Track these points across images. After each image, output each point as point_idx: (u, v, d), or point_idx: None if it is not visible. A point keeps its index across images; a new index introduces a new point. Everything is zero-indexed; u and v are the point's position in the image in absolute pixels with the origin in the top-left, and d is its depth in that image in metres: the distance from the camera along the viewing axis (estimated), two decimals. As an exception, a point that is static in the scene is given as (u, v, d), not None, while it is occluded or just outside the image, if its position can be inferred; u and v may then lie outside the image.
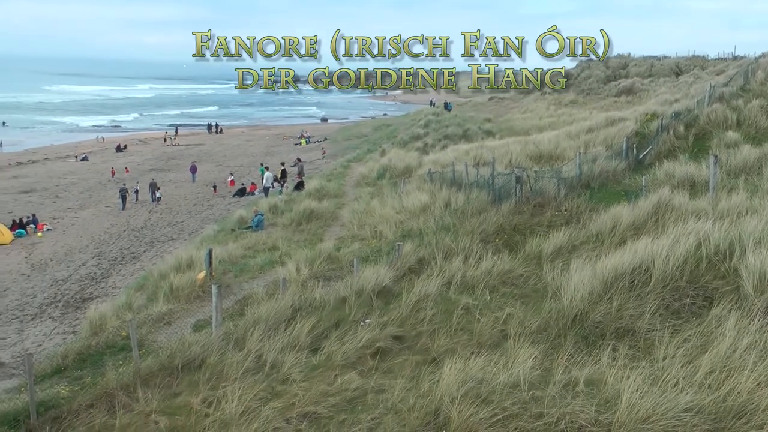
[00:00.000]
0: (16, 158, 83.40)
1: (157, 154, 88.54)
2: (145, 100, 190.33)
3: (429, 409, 9.63)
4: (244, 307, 17.89)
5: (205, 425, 10.92)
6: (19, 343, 26.19)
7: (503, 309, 14.01)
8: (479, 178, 29.13)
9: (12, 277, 37.11)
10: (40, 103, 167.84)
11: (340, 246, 24.53)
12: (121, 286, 32.71)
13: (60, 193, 62.10)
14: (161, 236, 44.50)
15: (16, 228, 46.69)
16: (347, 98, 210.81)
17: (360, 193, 38.11)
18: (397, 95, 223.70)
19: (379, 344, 13.20)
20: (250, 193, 56.59)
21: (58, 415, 11.93)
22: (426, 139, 66.19)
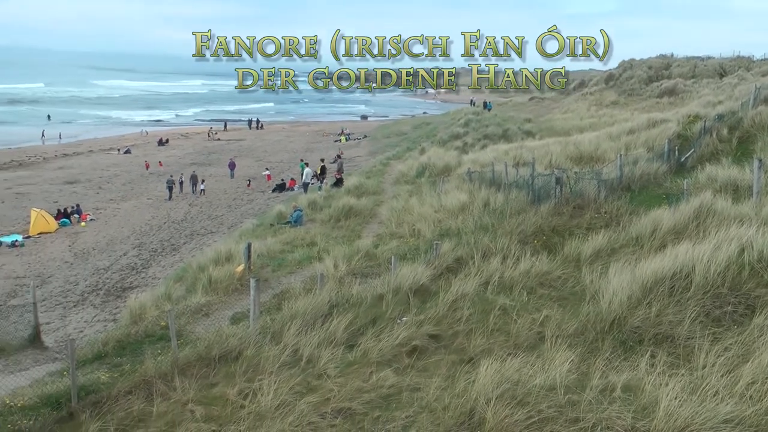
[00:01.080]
0: (61, 150, 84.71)
1: (198, 148, 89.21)
2: (195, 96, 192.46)
3: (464, 409, 9.62)
4: (281, 301, 17.95)
5: (241, 416, 10.99)
6: (62, 329, 26.59)
7: (540, 311, 13.94)
8: (519, 178, 29.00)
9: (56, 264, 37.68)
10: (88, 98, 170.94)
11: (378, 243, 24.51)
12: (160, 277, 33.02)
13: (103, 184, 62.85)
14: (201, 229, 44.83)
15: (61, 217, 47.44)
16: (388, 97, 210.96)
17: (399, 190, 38.07)
18: (438, 94, 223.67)
19: (416, 342, 13.20)
20: (290, 189, 56.82)
21: (98, 399, 12.07)
22: (465, 138, 65.94)
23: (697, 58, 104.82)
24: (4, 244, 41.85)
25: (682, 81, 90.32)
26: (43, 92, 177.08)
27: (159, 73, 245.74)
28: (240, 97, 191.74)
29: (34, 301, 21.45)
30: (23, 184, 62.57)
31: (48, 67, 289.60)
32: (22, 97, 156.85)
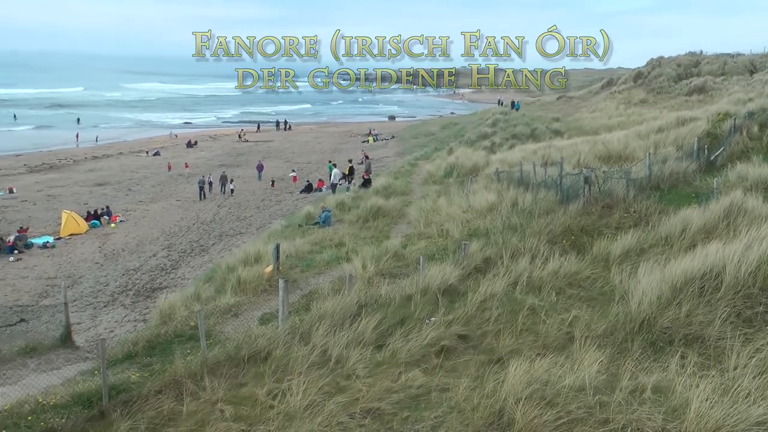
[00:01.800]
0: (91, 152, 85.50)
1: (227, 150, 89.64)
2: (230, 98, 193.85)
3: (493, 410, 9.61)
4: (310, 301, 17.99)
5: (270, 417, 11.03)
6: (93, 329, 26.80)
7: (569, 311, 13.90)
8: (547, 178, 28.91)
9: (86, 265, 38.01)
10: (125, 101, 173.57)
11: (407, 243, 24.50)
12: (189, 278, 33.18)
13: (132, 186, 63.35)
14: (229, 230, 45.01)
15: (91, 219, 47.84)
16: (415, 97, 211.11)
17: (427, 191, 38.04)
18: (465, 94, 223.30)
19: (444, 343, 13.19)
20: (318, 190, 56.92)
21: (128, 399, 12.17)
22: (494, 138, 65.75)
23: (726, 54, 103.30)
24: (35, 245, 42.26)
25: (712, 78, 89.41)
26: (83, 96, 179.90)
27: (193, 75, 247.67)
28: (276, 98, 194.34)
29: (65, 302, 21.61)
30: (54, 186, 63.19)
31: (83, 71, 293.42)
32: (62, 101, 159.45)
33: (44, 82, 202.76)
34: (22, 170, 72.59)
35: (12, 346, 19.65)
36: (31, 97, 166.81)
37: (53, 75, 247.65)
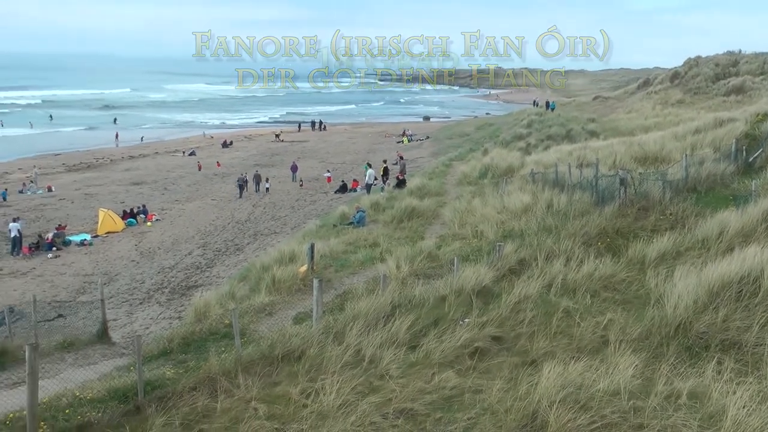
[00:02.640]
0: (128, 152, 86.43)
1: (262, 150, 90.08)
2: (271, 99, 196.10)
3: (526, 412, 9.58)
4: (344, 301, 18.05)
5: (303, 415, 11.04)
6: (129, 325, 27.08)
7: (604, 314, 13.81)
8: (582, 179, 28.76)
9: (123, 263, 38.38)
10: (163, 101, 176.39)
11: (441, 244, 24.50)
12: (224, 276, 33.36)
13: (168, 185, 63.85)
14: (264, 229, 45.19)
15: (128, 217, 48.33)
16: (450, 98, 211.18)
17: (461, 191, 37.99)
18: (500, 95, 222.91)
19: (478, 344, 13.15)
20: (352, 190, 56.99)
21: (163, 395, 12.24)
22: (528, 139, 65.51)
23: (766, 54, 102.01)
24: (73, 242, 42.76)
25: (751, 78, 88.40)
26: (130, 97, 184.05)
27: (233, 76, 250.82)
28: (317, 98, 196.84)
29: (101, 298, 21.86)
30: (91, 185, 63.91)
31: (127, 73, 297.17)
32: (110, 102, 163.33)
33: (91, 84, 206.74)
34: (61, 169, 73.56)
35: (50, 340, 19.95)
36: (80, 98, 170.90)
37: (97, 77, 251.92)
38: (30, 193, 59.77)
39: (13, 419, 11.68)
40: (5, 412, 12.20)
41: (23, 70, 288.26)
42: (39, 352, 11.57)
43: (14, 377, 15.65)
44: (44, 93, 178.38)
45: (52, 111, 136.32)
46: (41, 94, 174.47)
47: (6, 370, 16.72)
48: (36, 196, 59.12)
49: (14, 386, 14.76)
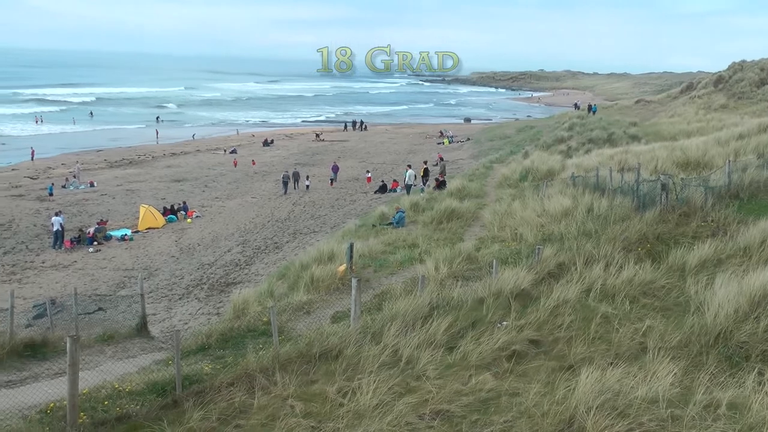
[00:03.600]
0: (170, 150, 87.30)
1: (303, 149, 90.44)
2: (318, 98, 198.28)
3: (563, 417, 9.54)
4: (382, 301, 18.05)
5: (339, 414, 11.06)
6: (168, 320, 27.36)
7: (643, 321, 13.71)
8: (623, 183, 28.56)
9: (163, 258, 38.76)
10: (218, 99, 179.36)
11: (480, 246, 24.44)
12: (263, 274, 33.54)
13: (209, 183, 64.38)
14: (303, 228, 45.36)
15: (168, 214, 48.83)
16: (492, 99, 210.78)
17: (501, 194, 37.83)
18: (542, 97, 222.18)
19: (515, 347, 13.11)
20: (392, 190, 57.04)
21: (201, 389, 12.33)
22: (570, 143, 65.06)
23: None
24: (114, 237, 43.26)
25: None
26: (183, 95, 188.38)
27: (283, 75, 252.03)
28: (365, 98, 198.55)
29: (141, 293, 22.10)
30: (133, 181, 64.62)
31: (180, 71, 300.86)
32: (162, 100, 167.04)
33: (147, 82, 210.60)
34: (103, 165, 74.45)
35: (90, 333, 20.25)
36: (132, 96, 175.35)
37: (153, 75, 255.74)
38: (72, 188, 60.57)
39: (54, 408, 11.87)
40: (46, 401, 12.43)
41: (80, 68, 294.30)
42: (79, 344, 11.72)
43: (55, 368, 15.87)
44: (97, 90, 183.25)
45: (106, 108, 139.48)
46: (96, 92, 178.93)
47: (47, 360, 16.99)
48: (78, 191, 59.91)
49: (55, 376, 14.96)
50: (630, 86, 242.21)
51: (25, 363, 16.79)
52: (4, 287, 32.11)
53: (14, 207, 52.13)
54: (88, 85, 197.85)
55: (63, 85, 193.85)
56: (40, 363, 16.82)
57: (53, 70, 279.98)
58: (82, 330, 20.84)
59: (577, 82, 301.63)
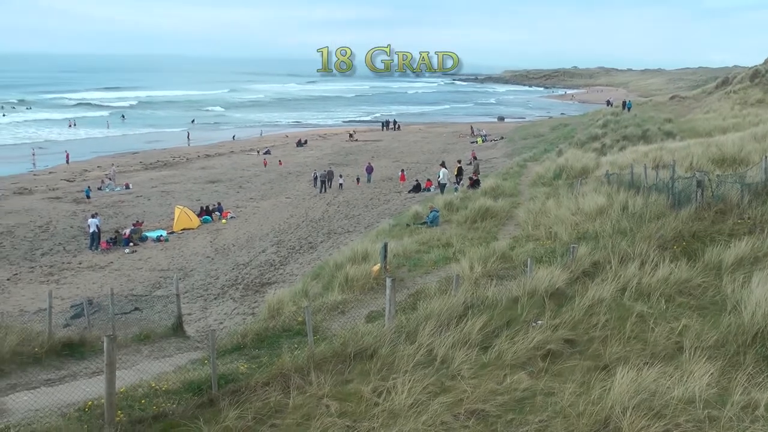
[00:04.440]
0: (204, 151, 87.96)
1: (336, 149, 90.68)
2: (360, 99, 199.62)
3: (599, 417, 9.52)
4: (416, 301, 18.02)
5: (374, 414, 11.09)
6: (203, 320, 27.53)
7: (679, 320, 13.62)
8: (658, 181, 28.32)
9: (198, 259, 39.00)
10: (243, 101, 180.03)
11: (514, 245, 24.36)
12: (298, 274, 33.63)
13: (243, 184, 64.72)
14: (338, 228, 45.45)
15: (203, 214, 49.16)
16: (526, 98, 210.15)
17: (535, 192, 37.67)
18: (576, 95, 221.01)
19: (550, 346, 13.08)
20: (426, 190, 57.00)
21: (236, 388, 12.41)
22: (604, 140, 64.55)
23: None
24: (149, 238, 43.62)
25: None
26: (230, 97, 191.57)
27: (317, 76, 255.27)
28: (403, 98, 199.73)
29: (177, 293, 22.25)
30: (168, 182, 65.13)
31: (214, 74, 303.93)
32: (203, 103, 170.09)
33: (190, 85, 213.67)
34: (138, 167, 75.12)
35: (127, 332, 20.45)
36: (173, 99, 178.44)
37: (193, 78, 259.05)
38: (108, 190, 61.15)
39: (92, 407, 12.01)
40: (84, 399, 12.57)
41: (120, 72, 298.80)
42: (116, 344, 11.88)
43: (93, 367, 16.05)
44: (141, 94, 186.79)
45: (146, 111, 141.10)
46: (140, 95, 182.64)
47: (85, 359, 17.17)
48: (114, 193, 60.48)
49: (93, 375, 15.13)
50: (664, 82, 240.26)
51: (63, 362, 16.98)
52: (43, 288, 32.54)
53: (51, 209, 52.75)
54: (131, 89, 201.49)
55: (107, 89, 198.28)
56: (78, 362, 17.00)
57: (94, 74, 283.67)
58: (119, 330, 21.04)
59: (610, 78, 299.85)
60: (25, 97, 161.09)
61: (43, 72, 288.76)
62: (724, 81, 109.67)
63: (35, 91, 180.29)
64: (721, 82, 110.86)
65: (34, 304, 29.88)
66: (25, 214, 50.82)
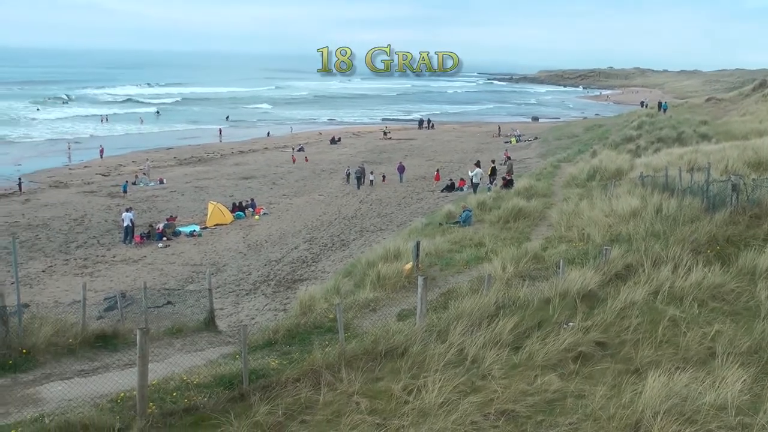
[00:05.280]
0: (238, 147, 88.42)
1: (370, 147, 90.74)
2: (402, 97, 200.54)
3: (629, 421, 9.51)
4: (447, 300, 18.02)
5: (404, 412, 11.12)
6: (235, 315, 27.69)
7: (712, 325, 13.55)
8: (693, 184, 28.14)
9: (230, 254, 39.24)
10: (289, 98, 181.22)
11: (547, 246, 24.30)
12: (330, 271, 33.73)
13: (277, 180, 64.95)
14: (370, 226, 45.53)
15: (236, 210, 49.41)
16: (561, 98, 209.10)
17: (569, 193, 37.50)
18: (611, 95, 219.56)
19: (581, 348, 13.06)
20: (459, 189, 56.94)
21: (267, 384, 12.47)
22: (638, 141, 64.11)
23: None
24: (183, 233, 43.91)
25: None
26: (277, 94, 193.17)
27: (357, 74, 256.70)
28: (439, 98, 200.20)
29: (209, 288, 22.37)
30: (202, 178, 65.52)
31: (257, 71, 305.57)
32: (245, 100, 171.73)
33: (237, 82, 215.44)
34: (172, 162, 75.67)
35: (159, 326, 20.59)
36: (216, 95, 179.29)
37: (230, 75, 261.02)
38: (142, 185, 61.66)
39: (124, 398, 12.20)
40: (116, 390, 12.76)
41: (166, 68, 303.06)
42: (149, 337, 11.98)
43: (125, 359, 16.17)
44: (183, 90, 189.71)
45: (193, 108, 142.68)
46: (182, 92, 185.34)
47: (118, 351, 17.32)
48: (148, 187, 60.96)
49: (125, 367, 15.24)
50: (700, 84, 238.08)
51: (96, 353, 17.14)
52: (77, 280, 32.91)
53: (86, 203, 53.34)
54: (174, 85, 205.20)
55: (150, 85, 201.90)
56: (111, 354, 17.16)
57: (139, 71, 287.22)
58: (152, 323, 21.18)
59: (646, 79, 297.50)
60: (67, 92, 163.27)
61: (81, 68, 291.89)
62: (762, 83, 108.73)
63: (76, 86, 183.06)
64: (759, 84, 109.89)
65: (68, 295, 30.22)
66: (60, 207, 51.49)
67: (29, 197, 55.57)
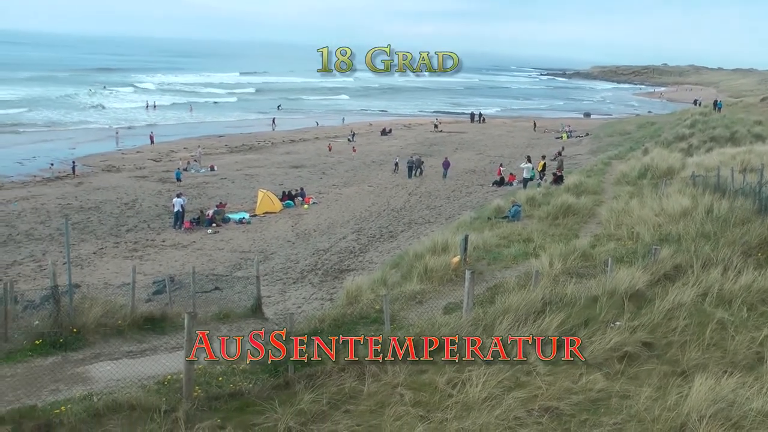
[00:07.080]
0: (289, 136, 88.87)
1: (420, 139, 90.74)
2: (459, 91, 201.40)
3: (674, 424, 9.46)
4: (494, 295, 17.95)
5: (448, 405, 11.16)
6: (281, 303, 27.83)
7: (761, 329, 13.41)
8: (745, 185, 27.80)
9: (278, 242, 39.49)
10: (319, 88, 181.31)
11: (595, 244, 24.13)
12: (377, 262, 33.79)
13: (326, 170, 65.20)
14: (418, 218, 45.57)
15: (286, 199, 49.69)
16: (615, 95, 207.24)
17: (619, 191, 37.19)
18: (664, 92, 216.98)
19: (628, 348, 13.00)
20: (509, 184, 56.76)
21: (312, 373, 12.56)
22: (691, 140, 63.32)
23: None
24: (232, 220, 44.30)
25: None
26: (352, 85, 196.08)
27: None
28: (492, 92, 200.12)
29: (257, 275, 22.55)
30: (252, 166, 65.99)
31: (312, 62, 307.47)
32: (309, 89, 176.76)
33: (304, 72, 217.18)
34: (223, 150, 76.34)
35: (207, 311, 20.82)
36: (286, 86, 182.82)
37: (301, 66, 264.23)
38: (193, 171, 62.27)
39: (170, 380, 12.46)
40: (164, 373, 13.01)
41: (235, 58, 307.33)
42: (196, 321, 12.17)
43: (173, 342, 16.39)
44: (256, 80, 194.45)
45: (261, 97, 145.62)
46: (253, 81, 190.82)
47: (165, 334, 17.58)
48: (199, 174, 61.58)
49: (172, 350, 15.45)
50: (756, 83, 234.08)
51: (144, 336, 17.42)
52: (126, 263, 33.38)
53: (138, 187, 54.04)
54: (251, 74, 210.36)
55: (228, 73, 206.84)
56: (159, 336, 17.42)
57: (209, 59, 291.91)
58: (199, 307, 21.39)
59: (700, 77, 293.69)
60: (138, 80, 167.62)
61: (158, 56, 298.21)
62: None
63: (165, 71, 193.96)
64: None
65: (117, 278, 30.69)
66: (112, 191, 52.27)
67: (82, 180, 56.59)
